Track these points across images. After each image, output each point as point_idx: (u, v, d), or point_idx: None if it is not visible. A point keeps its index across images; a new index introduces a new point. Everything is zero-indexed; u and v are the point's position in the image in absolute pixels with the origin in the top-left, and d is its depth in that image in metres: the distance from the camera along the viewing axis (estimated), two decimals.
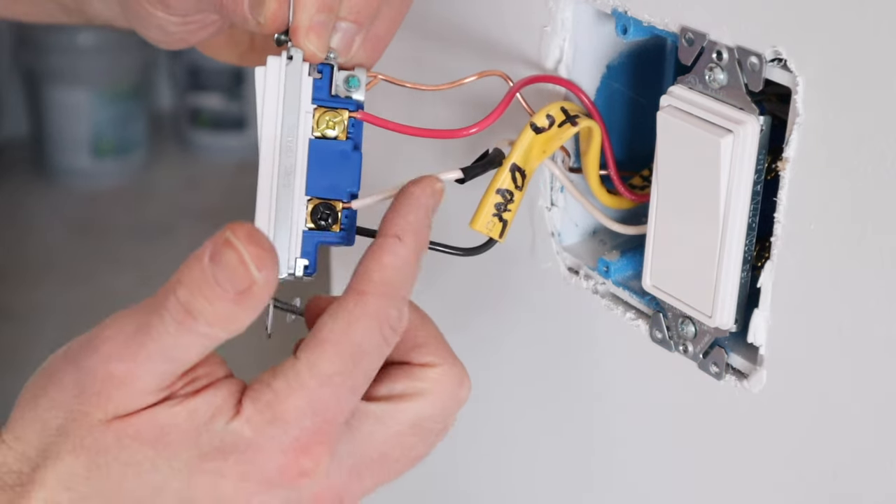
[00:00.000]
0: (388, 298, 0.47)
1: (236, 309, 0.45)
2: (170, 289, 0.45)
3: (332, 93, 0.52)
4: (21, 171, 2.53)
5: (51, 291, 2.20)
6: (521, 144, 0.54)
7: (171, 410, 0.46)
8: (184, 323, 0.45)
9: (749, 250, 0.51)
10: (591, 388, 0.62)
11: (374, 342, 0.47)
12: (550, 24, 0.57)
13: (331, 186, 0.52)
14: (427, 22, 0.65)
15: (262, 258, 0.44)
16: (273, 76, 0.51)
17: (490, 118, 0.53)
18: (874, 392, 0.47)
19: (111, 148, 2.50)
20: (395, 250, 0.48)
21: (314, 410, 0.46)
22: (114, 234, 2.38)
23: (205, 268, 0.44)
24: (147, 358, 0.45)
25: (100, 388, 0.46)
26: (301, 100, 0.51)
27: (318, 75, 0.51)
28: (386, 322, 0.47)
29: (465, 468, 0.73)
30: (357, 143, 0.52)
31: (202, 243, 0.46)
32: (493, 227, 0.54)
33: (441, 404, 0.50)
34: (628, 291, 0.58)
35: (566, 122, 0.54)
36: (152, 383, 0.46)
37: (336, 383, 0.46)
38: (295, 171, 0.51)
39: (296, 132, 0.51)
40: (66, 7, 0.70)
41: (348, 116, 0.52)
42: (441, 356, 0.50)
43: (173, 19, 0.58)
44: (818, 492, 0.51)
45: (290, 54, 0.51)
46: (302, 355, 0.47)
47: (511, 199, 0.54)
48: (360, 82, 0.52)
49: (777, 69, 0.47)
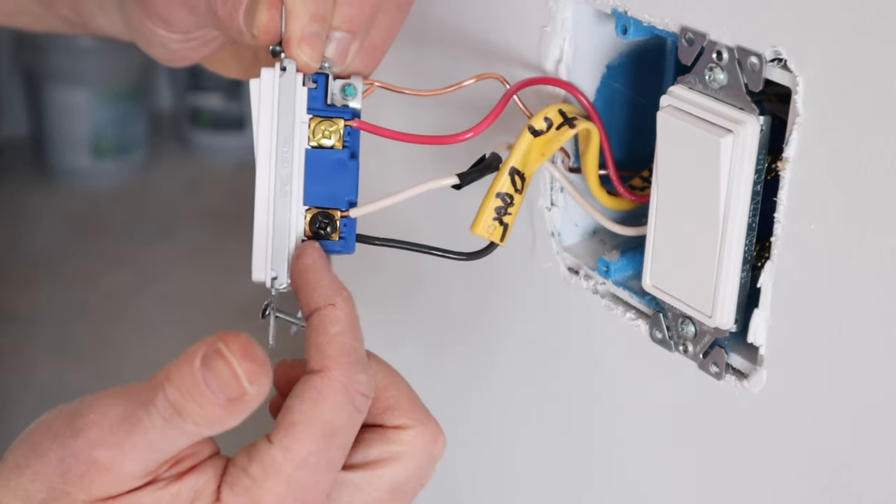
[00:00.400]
0: (351, 366, 0.47)
1: (225, 413, 0.45)
2: (158, 385, 0.45)
3: (327, 102, 0.52)
4: (21, 171, 2.53)
5: (51, 291, 2.20)
6: (520, 148, 0.54)
7: (154, 495, 0.46)
8: (171, 420, 0.45)
9: (749, 250, 0.51)
10: (591, 388, 0.62)
11: (345, 415, 0.47)
12: (550, 24, 0.57)
13: (329, 195, 0.52)
14: (425, 25, 0.65)
15: (255, 373, 0.44)
16: (267, 88, 0.51)
17: (485, 122, 0.53)
18: (874, 392, 0.47)
19: (111, 148, 2.50)
20: (335, 317, 0.48)
21: (293, 495, 0.46)
22: (114, 234, 2.38)
23: (195, 371, 0.44)
24: (132, 448, 0.45)
25: (83, 472, 0.46)
26: (296, 110, 0.51)
27: (313, 85, 0.51)
28: (356, 391, 0.47)
29: (465, 468, 0.73)
30: (354, 151, 0.52)
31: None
32: (493, 230, 0.54)
33: (416, 465, 0.50)
34: (628, 291, 0.58)
35: (564, 125, 0.54)
36: (136, 470, 0.46)
37: (312, 464, 0.46)
38: (292, 182, 0.51)
39: (291, 143, 0.51)
40: (68, 20, 0.70)
41: (344, 125, 0.52)
42: (414, 417, 0.50)
43: (175, 37, 0.59)
44: (818, 492, 0.51)
45: (283, 65, 0.51)
46: (275, 438, 0.46)
47: (511, 203, 0.54)
48: (357, 90, 0.52)
49: (777, 69, 0.47)
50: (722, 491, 0.56)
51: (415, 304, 0.75)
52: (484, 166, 0.54)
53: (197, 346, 0.45)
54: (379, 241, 0.54)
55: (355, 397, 0.47)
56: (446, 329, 0.72)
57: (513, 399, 0.68)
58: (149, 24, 0.58)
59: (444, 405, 0.74)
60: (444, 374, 0.73)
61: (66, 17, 0.69)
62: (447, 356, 0.73)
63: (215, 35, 0.60)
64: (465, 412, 0.72)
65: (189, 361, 0.44)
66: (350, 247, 0.53)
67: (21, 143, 2.57)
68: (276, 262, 0.52)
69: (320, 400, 0.47)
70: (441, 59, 0.65)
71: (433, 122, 0.63)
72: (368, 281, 0.66)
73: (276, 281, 0.52)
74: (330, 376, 0.47)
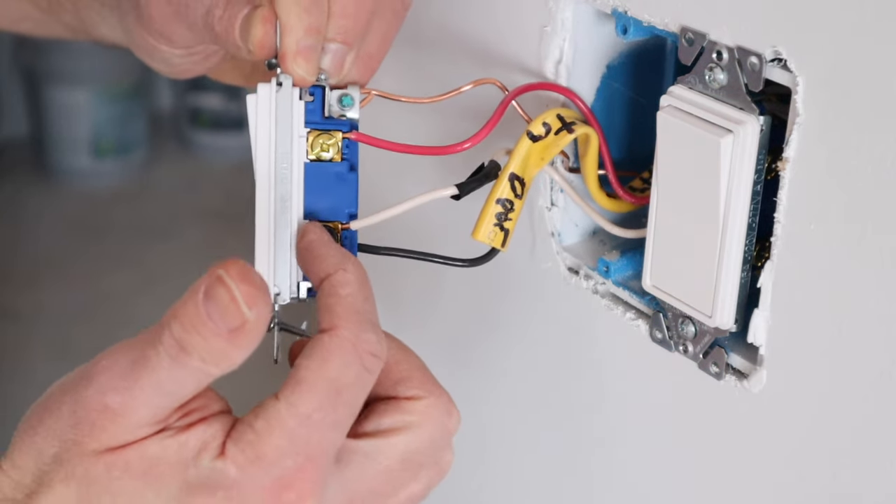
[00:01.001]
0: (360, 324, 0.48)
1: (229, 346, 0.45)
2: (165, 323, 0.46)
3: (325, 114, 0.52)
4: (21, 171, 2.53)
5: (51, 291, 2.20)
6: (519, 153, 0.54)
7: (162, 443, 0.47)
8: (178, 358, 0.45)
9: (749, 250, 0.51)
10: (591, 388, 0.62)
11: (352, 373, 0.47)
12: (550, 25, 0.57)
13: (329, 208, 0.52)
14: (422, 28, 0.65)
15: (252, 296, 0.45)
16: (264, 103, 0.51)
17: (483, 131, 0.53)
18: (874, 392, 0.47)
19: (111, 148, 2.50)
20: (346, 280, 0.48)
21: (296, 450, 0.46)
22: (114, 234, 2.38)
23: (199, 304, 0.45)
24: (142, 391, 0.46)
25: (94, 419, 0.46)
26: (293, 125, 0.51)
27: (310, 98, 0.51)
28: (364, 349, 0.47)
29: (465, 467, 0.73)
30: (353, 163, 0.52)
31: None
32: (494, 236, 0.54)
33: (429, 436, 0.50)
34: (628, 291, 0.58)
35: (563, 130, 0.55)
36: (147, 416, 0.46)
37: (316, 420, 0.46)
38: (291, 197, 0.51)
39: (290, 157, 0.51)
40: (70, 27, 0.70)
41: (342, 137, 0.52)
42: (426, 388, 0.50)
43: (177, 52, 0.59)
44: (818, 492, 0.51)
45: (279, 80, 0.51)
46: (281, 395, 0.47)
47: (511, 208, 0.54)
48: (354, 101, 0.52)
49: (777, 69, 0.47)
50: (722, 491, 0.56)
51: (414, 304, 0.75)
52: (483, 175, 0.54)
53: (200, 280, 0.45)
54: (382, 250, 0.54)
55: (364, 356, 0.47)
56: (446, 329, 0.72)
57: (513, 399, 0.68)
58: (150, 40, 0.59)
59: None
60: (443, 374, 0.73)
61: (68, 24, 0.70)
62: (447, 356, 0.73)
63: (216, 49, 0.60)
64: (464, 412, 0.72)
65: (193, 296, 0.45)
66: None
67: (21, 143, 2.57)
68: (279, 277, 0.52)
69: (327, 357, 0.47)
70: (439, 61, 0.65)
71: (432, 128, 0.63)
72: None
73: (279, 297, 0.52)
74: (338, 334, 0.47)
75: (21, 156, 2.56)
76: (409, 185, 0.67)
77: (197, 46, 0.59)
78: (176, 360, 0.45)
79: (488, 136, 0.53)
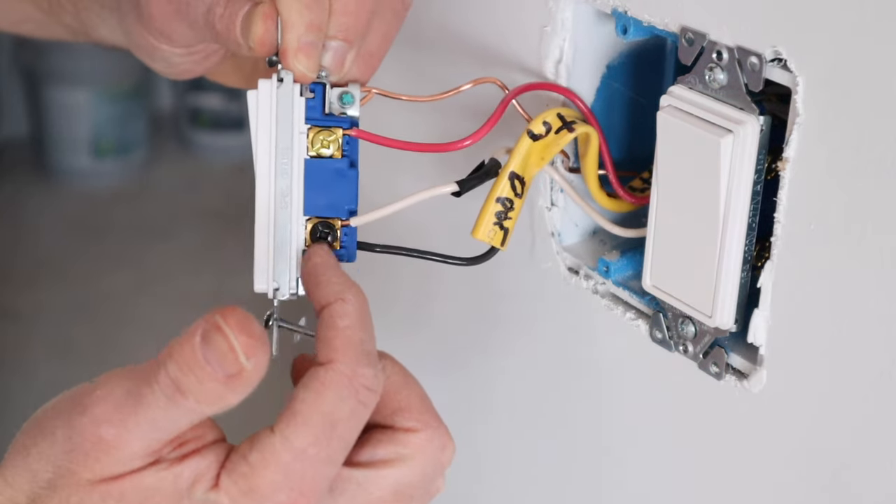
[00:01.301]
0: (357, 358, 0.48)
1: (225, 390, 0.45)
2: (161, 362, 0.46)
3: (325, 111, 0.52)
4: (21, 171, 2.53)
5: (51, 291, 2.20)
6: (519, 152, 0.54)
7: (157, 475, 0.47)
8: (173, 398, 0.45)
9: (749, 250, 0.51)
10: (590, 388, 0.62)
11: (347, 407, 0.47)
12: (550, 25, 0.57)
13: (329, 205, 0.52)
14: (423, 28, 0.65)
15: (251, 347, 0.45)
16: (265, 99, 0.51)
17: (484, 129, 0.53)
18: (874, 392, 0.47)
19: (111, 148, 2.50)
20: (344, 312, 0.48)
21: (290, 484, 0.46)
22: (114, 234, 2.38)
23: (195, 347, 0.45)
24: (137, 426, 0.46)
25: (89, 450, 0.46)
26: (294, 121, 0.51)
27: (311, 95, 0.51)
28: (360, 384, 0.47)
29: (464, 467, 0.73)
30: (353, 160, 0.52)
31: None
32: (494, 235, 0.54)
33: (422, 470, 0.50)
34: (628, 291, 0.58)
35: (563, 129, 0.54)
36: (141, 449, 0.46)
37: (311, 455, 0.46)
38: (291, 193, 0.52)
39: (290, 153, 0.51)
40: (71, 28, 0.70)
41: (342, 134, 0.52)
42: (424, 421, 0.50)
43: (177, 51, 0.59)
44: (818, 492, 0.51)
45: (280, 76, 0.51)
46: (277, 428, 0.47)
47: (511, 207, 0.54)
48: (355, 98, 0.52)
49: (777, 69, 0.47)
50: (722, 491, 0.56)
51: (413, 303, 0.75)
52: (483, 172, 0.54)
53: (198, 323, 0.45)
54: (380, 248, 0.54)
55: (360, 390, 0.47)
56: (446, 329, 0.72)
57: (512, 399, 0.68)
58: (151, 39, 0.59)
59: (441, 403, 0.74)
60: (443, 374, 0.73)
61: (69, 26, 0.70)
62: (446, 355, 0.73)
63: (216, 48, 0.60)
64: (464, 411, 0.72)
65: (190, 338, 0.45)
66: (351, 255, 0.53)
67: (21, 143, 2.57)
68: (278, 272, 0.52)
69: (322, 391, 0.47)
70: (439, 60, 0.65)
71: (432, 127, 0.63)
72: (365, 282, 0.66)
73: (278, 292, 0.52)
74: (334, 368, 0.47)
75: (21, 156, 2.56)
76: (408, 182, 0.67)
77: (197, 45, 0.59)
78: (171, 399, 0.45)
79: (489, 134, 0.53)
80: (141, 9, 0.57)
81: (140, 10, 0.58)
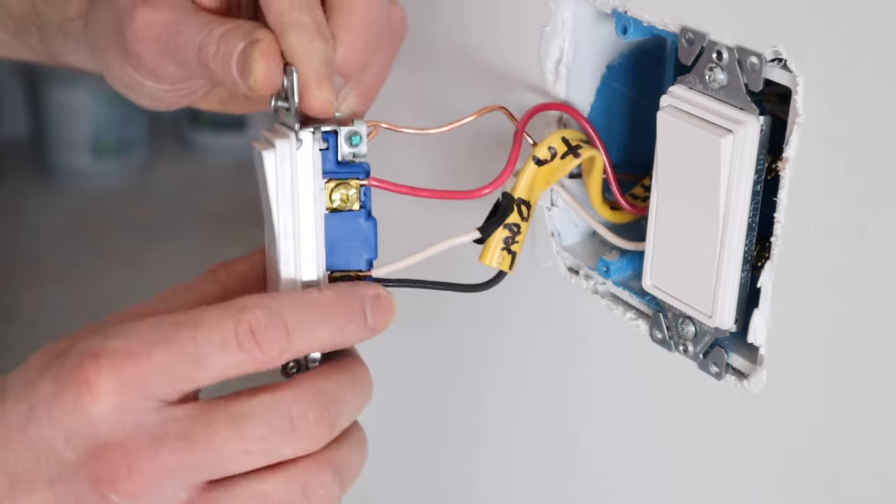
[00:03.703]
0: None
1: None
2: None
3: (339, 159, 0.51)
4: (21, 171, 2.53)
5: (51, 291, 2.21)
6: (525, 179, 0.54)
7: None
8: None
9: (749, 250, 0.51)
10: (590, 388, 0.62)
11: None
12: (550, 25, 0.57)
13: (349, 258, 0.52)
14: (422, 28, 0.65)
15: None
16: (283, 161, 0.50)
17: (503, 175, 0.53)
18: (874, 392, 0.47)
19: (111, 148, 2.50)
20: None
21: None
22: (114, 234, 2.38)
23: None
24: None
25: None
26: (314, 179, 0.50)
27: (324, 145, 0.50)
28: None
29: (464, 467, 0.73)
30: (369, 209, 0.52)
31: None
32: (502, 260, 0.54)
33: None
34: (628, 291, 0.58)
35: (568, 154, 0.55)
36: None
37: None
38: (313, 249, 0.51)
39: (311, 211, 0.50)
40: (38, 51, 0.69)
41: (359, 185, 0.51)
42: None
43: (164, 87, 0.58)
44: (818, 492, 0.51)
45: (299, 137, 0.49)
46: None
47: (518, 231, 0.54)
48: (362, 137, 0.51)
49: (777, 69, 0.47)
50: (722, 491, 0.56)
51: (413, 303, 0.75)
52: (501, 213, 0.54)
53: None
54: (394, 282, 0.54)
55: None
56: (446, 328, 0.72)
57: (512, 399, 0.68)
58: (136, 76, 0.57)
59: (441, 403, 0.74)
60: (442, 373, 0.73)
61: (35, 49, 0.69)
62: (446, 356, 0.73)
63: (203, 83, 0.59)
64: (462, 411, 0.72)
65: None
66: None
67: (21, 143, 2.57)
68: None
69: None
70: (439, 61, 0.65)
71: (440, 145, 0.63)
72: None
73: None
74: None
75: (21, 156, 2.56)
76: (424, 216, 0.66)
77: (184, 82, 0.58)
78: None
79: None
80: (126, 46, 0.55)
81: (124, 47, 0.56)
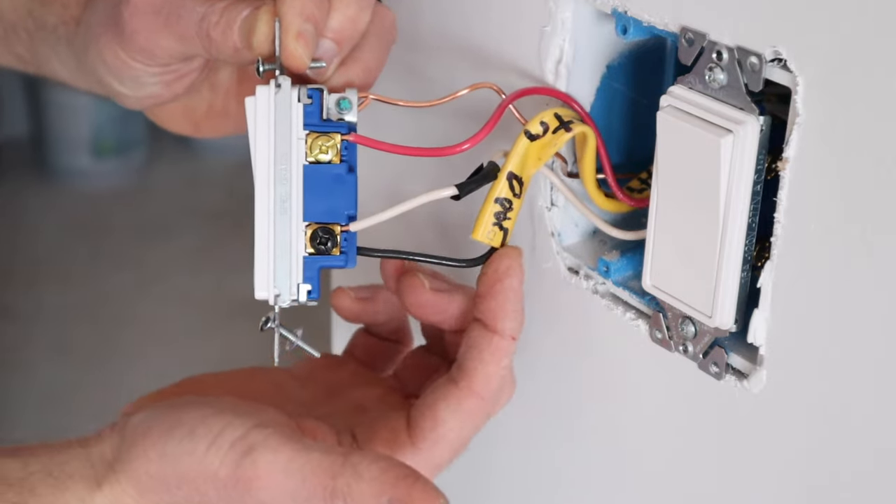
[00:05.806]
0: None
1: None
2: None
3: (323, 117, 0.52)
4: (21, 171, 2.53)
5: (51, 291, 2.21)
6: (517, 152, 0.54)
7: None
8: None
9: (749, 250, 0.51)
10: (590, 389, 0.62)
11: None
12: (550, 25, 0.57)
13: (328, 210, 0.52)
14: (421, 28, 0.65)
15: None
16: (263, 105, 0.51)
17: (481, 133, 0.53)
18: (874, 392, 0.47)
19: (111, 148, 2.50)
20: (509, 352, 0.56)
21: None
22: (114, 234, 2.38)
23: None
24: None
25: None
26: (292, 127, 0.51)
27: (309, 101, 0.51)
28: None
29: (462, 466, 0.73)
30: (351, 165, 0.52)
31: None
32: (493, 236, 0.54)
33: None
34: (628, 291, 0.58)
35: (560, 129, 0.54)
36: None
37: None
38: (291, 198, 0.52)
39: (289, 159, 0.51)
40: (23, 59, 0.70)
41: (341, 140, 0.52)
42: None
43: (151, 70, 0.59)
44: (818, 492, 0.51)
45: (278, 82, 0.51)
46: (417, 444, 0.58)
47: (510, 208, 0.54)
48: (352, 104, 0.52)
49: (777, 69, 0.47)
50: (722, 491, 0.56)
51: None
52: (482, 176, 0.54)
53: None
54: (380, 252, 0.54)
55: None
56: None
57: (511, 399, 0.68)
58: (125, 56, 0.58)
59: None
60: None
61: (20, 56, 0.70)
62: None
63: (190, 70, 0.60)
64: None
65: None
66: (352, 261, 0.53)
67: (21, 143, 2.57)
68: (279, 279, 0.52)
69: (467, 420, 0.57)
70: (438, 60, 0.65)
71: (431, 129, 0.63)
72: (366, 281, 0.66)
73: (279, 298, 0.52)
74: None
75: (21, 156, 2.56)
76: (408, 186, 0.67)
77: (174, 64, 0.59)
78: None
79: (487, 138, 0.53)
80: (122, 25, 0.57)
81: (120, 26, 0.57)
